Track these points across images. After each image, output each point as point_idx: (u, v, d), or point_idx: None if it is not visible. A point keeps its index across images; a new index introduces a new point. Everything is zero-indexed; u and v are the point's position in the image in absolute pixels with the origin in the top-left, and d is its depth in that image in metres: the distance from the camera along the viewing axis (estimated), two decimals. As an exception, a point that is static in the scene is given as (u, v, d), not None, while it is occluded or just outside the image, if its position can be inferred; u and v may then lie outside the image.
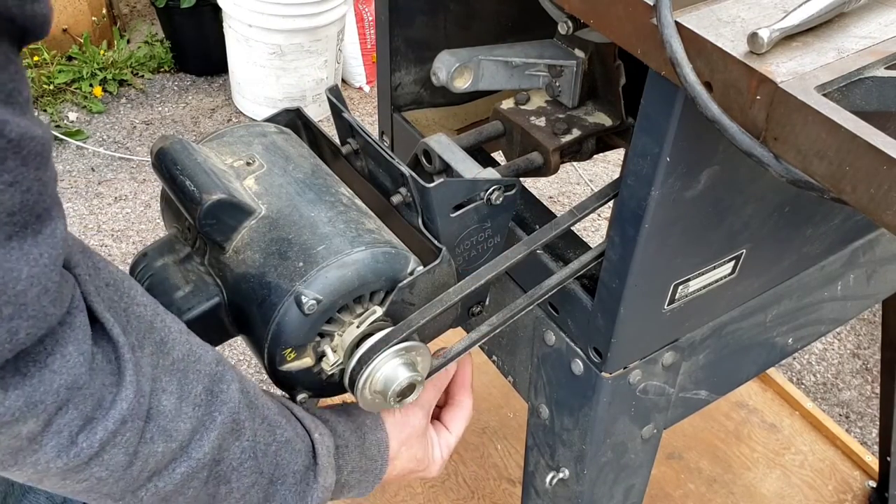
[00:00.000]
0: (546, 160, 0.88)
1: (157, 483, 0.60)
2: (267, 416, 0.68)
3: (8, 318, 0.46)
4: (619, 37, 0.60)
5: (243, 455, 0.65)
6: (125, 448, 0.56)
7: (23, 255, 0.46)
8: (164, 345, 0.60)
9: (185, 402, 0.60)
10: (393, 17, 0.96)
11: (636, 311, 0.75)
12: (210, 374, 0.63)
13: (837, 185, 0.49)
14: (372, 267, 0.73)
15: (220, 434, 0.62)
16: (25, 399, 0.49)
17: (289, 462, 0.70)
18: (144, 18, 3.29)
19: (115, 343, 0.55)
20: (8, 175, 0.45)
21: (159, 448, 0.58)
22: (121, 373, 0.55)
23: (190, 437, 0.60)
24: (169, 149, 0.78)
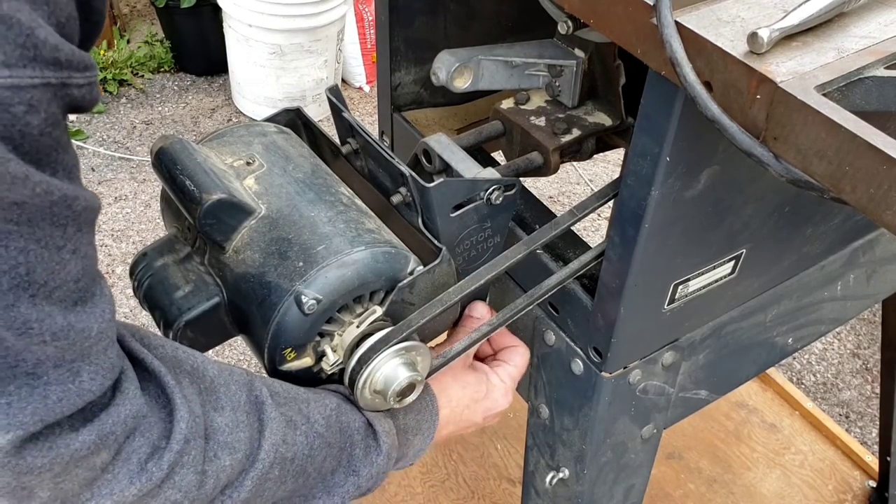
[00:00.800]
0: (546, 160, 0.88)
1: (232, 494, 0.63)
2: (309, 396, 0.70)
3: (85, 373, 0.51)
4: (619, 37, 0.60)
5: (308, 439, 0.67)
6: (193, 467, 0.58)
7: (92, 315, 0.51)
8: (197, 370, 0.62)
9: (238, 413, 0.63)
10: (393, 17, 0.96)
11: (636, 310, 0.75)
12: (245, 382, 0.65)
13: (837, 185, 0.49)
14: (372, 267, 0.73)
15: (274, 430, 0.64)
16: (97, 432, 0.52)
17: (349, 423, 0.71)
18: (144, 18, 3.29)
19: (157, 374, 0.59)
20: (71, 244, 0.49)
21: (226, 462, 0.61)
22: (170, 400, 0.58)
23: (250, 445, 0.63)
24: (169, 148, 0.78)
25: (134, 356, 0.59)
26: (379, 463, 0.73)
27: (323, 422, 0.69)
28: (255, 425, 0.64)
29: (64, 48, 0.45)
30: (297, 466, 0.67)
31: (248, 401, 0.64)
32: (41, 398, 0.49)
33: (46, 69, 0.44)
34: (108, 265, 2.35)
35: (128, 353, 0.59)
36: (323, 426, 0.69)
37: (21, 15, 0.42)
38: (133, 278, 0.80)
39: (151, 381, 0.59)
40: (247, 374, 0.66)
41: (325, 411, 0.70)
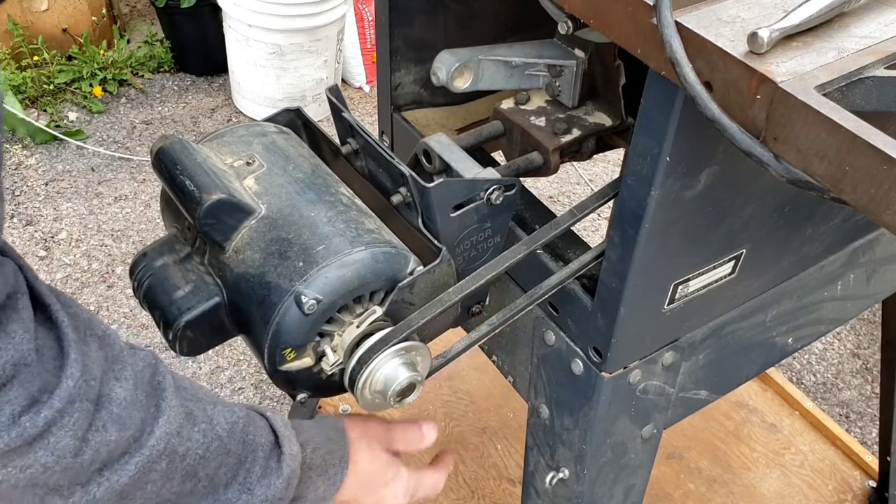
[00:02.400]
0: (546, 160, 0.88)
1: (111, 476, 0.58)
2: (217, 400, 0.68)
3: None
4: (619, 37, 0.60)
5: (205, 438, 0.64)
6: (73, 431, 0.54)
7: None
8: (108, 338, 0.60)
9: (139, 390, 0.59)
10: (393, 17, 0.96)
11: (636, 311, 0.75)
12: (151, 364, 0.63)
13: (837, 185, 0.49)
14: (372, 267, 0.73)
15: (170, 418, 0.61)
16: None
17: (255, 436, 0.68)
18: (144, 18, 3.29)
19: (59, 325, 0.55)
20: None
21: (112, 436, 0.56)
22: (65, 354, 0.54)
23: (142, 426, 0.59)
24: (169, 148, 0.78)
25: (40, 301, 0.55)
26: (277, 486, 0.69)
27: (226, 426, 0.66)
28: (152, 409, 0.60)
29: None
30: (188, 466, 0.63)
31: (151, 383, 0.61)
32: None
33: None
34: (108, 265, 2.35)
35: (34, 298, 0.55)
36: (225, 431, 0.66)
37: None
38: (133, 278, 0.80)
39: (50, 332, 0.55)
40: (154, 358, 0.64)
41: (232, 417, 0.67)
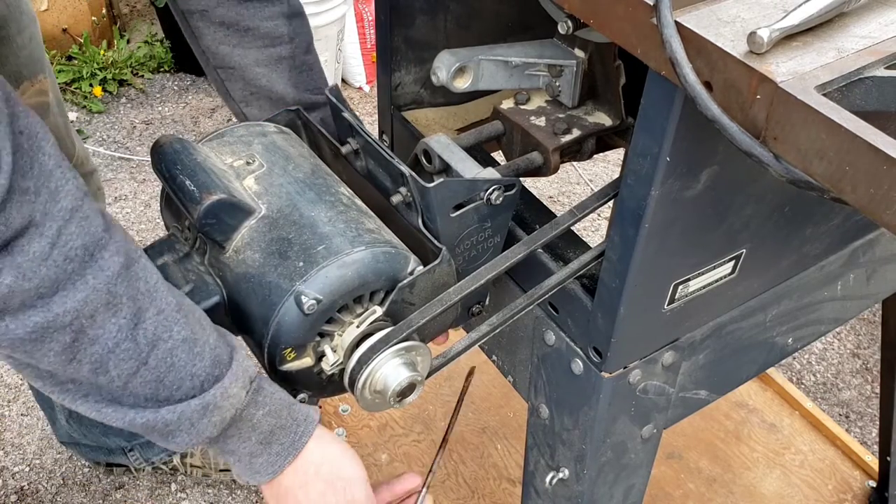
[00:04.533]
0: (546, 160, 0.88)
1: (9, 324, 0.59)
2: (164, 309, 0.66)
3: None
4: (619, 37, 0.60)
5: (119, 335, 0.64)
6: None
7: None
8: (57, 193, 0.59)
9: (58, 250, 0.59)
10: (393, 17, 0.96)
11: (636, 310, 0.75)
12: (95, 235, 0.62)
13: (837, 185, 0.49)
14: (372, 267, 0.73)
15: (88, 298, 0.61)
16: None
17: (185, 363, 0.67)
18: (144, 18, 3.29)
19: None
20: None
21: (6, 280, 0.57)
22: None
23: (52, 287, 0.59)
24: (169, 148, 0.78)
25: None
26: (192, 406, 0.68)
27: (150, 338, 0.65)
28: (74, 278, 0.60)
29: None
30: (97, 355, 0.63)
31: (82, 254, 0.61)
32: None
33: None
34: (108, 265, 2.35)
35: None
36: (146, 341, 0.65)
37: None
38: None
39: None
40: (104, 234, 0.62)
41: (164, 334, 0.66)
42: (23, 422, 1.87)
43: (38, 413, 1.88)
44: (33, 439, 1.84)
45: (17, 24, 1.07)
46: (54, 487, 1.76)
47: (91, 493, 1.75)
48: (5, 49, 1.07)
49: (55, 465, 1.80)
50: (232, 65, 0.94)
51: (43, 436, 1.84)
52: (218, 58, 0.94)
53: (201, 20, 0.92)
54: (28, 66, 1.11)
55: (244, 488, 1.76)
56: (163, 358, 0.66)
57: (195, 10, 0.91)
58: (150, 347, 0.65)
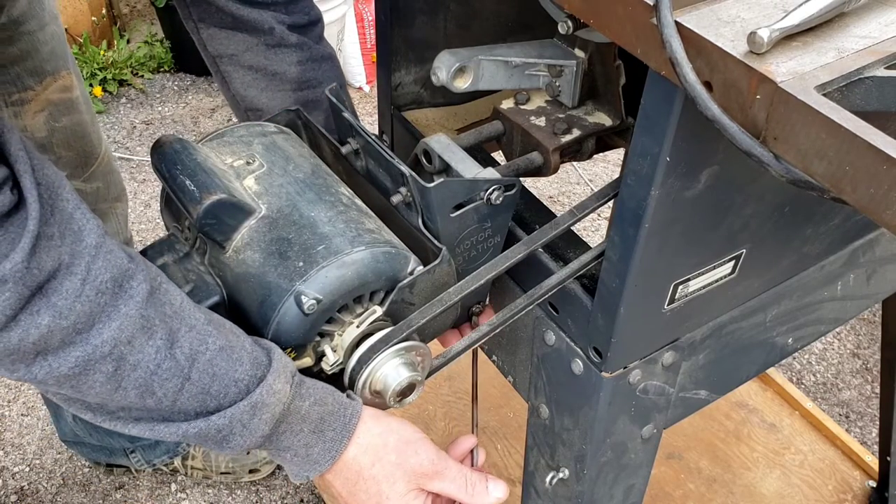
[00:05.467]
0: (546, 160, 0.88)
1: (52, 362, 0.61)
2: (194, 325, 0.68)
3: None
4: (619, 37, 0.60)
5: (158, 355, 0.65)
6: (2, 310, 0.57)
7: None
8: (81, 233, 0.62)
9: (89, 286, 0.61)
10: (393, 17, 0.96)
11: (636, 310, 0.75)
12: (121, 267, 0.64)
13: (837, 185, 0.49)
14: (372, 267, 0.73)
15: (124, 326, 0.63)
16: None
17: (226, 371, 0.68)
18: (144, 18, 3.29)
19: (27, 218, 0.58)
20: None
21: (44, 321, 0.59)
22: (18, 246, 0.57)
23: (88, 321, 0.61)
24: (169, 148, 0.78)
25: (21, 193, 0.58)
26: (240, 407, 0.68)
27: (188, 352, 0.67)
28: (108, 309, 0.62)
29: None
30: (141, 379, 0.65)
31: (111, 286, 0.63)
32: None
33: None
34: (108, 265, 2.35)
35: (12, 170, 0.58)
36: (185, 356, 0.66)
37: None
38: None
39: (15, 208, 0.58)
40: (129, 265, 0.64)
41: (200, 346, 0.67)
42: (23, 422, 1.87)
43: (38, 413, 1.88)
44: (33, 439, 1.84)
45: (38, 21, 1.08)
46: (54, 487, 1.76)
47: (91, 493, 1.75)
48: (27, 45, 1.08)
49: (55, 465, 1.80)
50: (260, 107, 0.95)
51: (43, 436, 1.84)
52: (247, 101, 0.96)
53: (230, 64, 0.94)
54: (50, 62, 1.12)
55: (244, 488, 1.76)
56: (204, 370, 0.67)
57: (224, 55, 0.94)
58: (190, 362, 0.67)
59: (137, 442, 1.67)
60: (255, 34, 0.91)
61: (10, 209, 0.58)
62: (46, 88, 1.13)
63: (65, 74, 1.16)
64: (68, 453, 1.80)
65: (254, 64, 0.93)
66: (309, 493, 1.76)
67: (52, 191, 0.61)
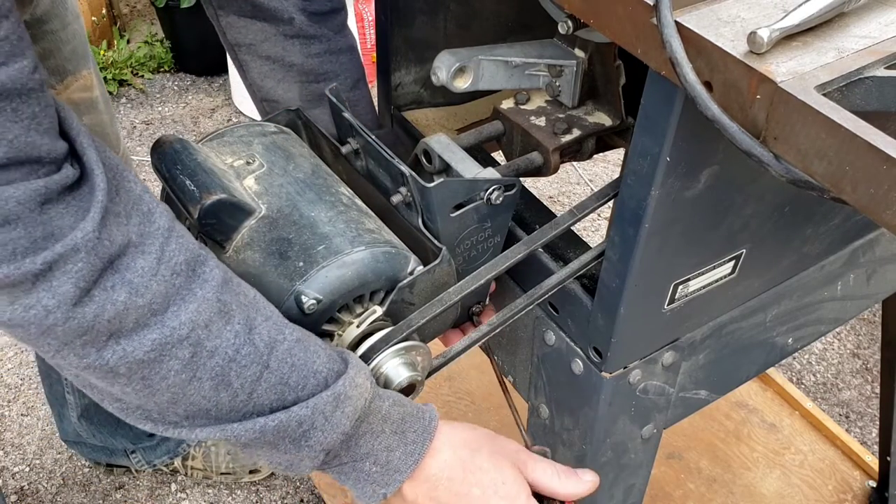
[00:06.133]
0: (546, 160, 0.88)
1: (126, 346, 0.59)
2: (270, 315, 0.66)
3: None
4: (619, 37, 0.60)
5: (238, 340, 0.63)
6: (75, 280, 0.55)
7: None
8: (151, 215, 0.61)
9: (164, 266, 0.59)
10: (393, 17, 0.96)
11: (636, 310, 0.75)
12: (194, 251, 0.62)
13: (837, 185, 0.49)
14: (372, 267, 0.73)
15: (201, 309, 0.61)
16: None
17: (305, 361, 0.66)
18: (144, 18, 3.29)
19: (94, 191, 0.57)
20: None
21: (121, 297, 0.57)
22: (87, 212, 0.56)
23: (164, 303, 0.59)
24: (169, 148, 0.78)
25: (85, 168, 0.58)
26: (323, 398, 0.66)
27: (267, 339, 0.64)
28: (183, 291, 0.60)
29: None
30: (218, 367, 0.62)
31: (188, 268, 0.61)
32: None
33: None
34: (108, 265, 2.35)
35: (73, 148, 0.58)
36: (264, 343, 0.64)
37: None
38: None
39: (79, 182, 0.57)
40: (201, 250, 0.63)
41: (278, 336, 0.65)
42: (23, 422, 1.87)
43: (38, 413, 1.88)
44: (33, 439, 1.84)
45: (60, 20, 1.09)
46: (54, 487, 1.76)
47: (91, 493, 1.76)
48: (49, 44, 1.08)
49: (55, 465, 1.80)
50: (276, 98, 0.95)
51: (43, 436, 1.84)
52: (263, 91, 0.95)
53: (248, 54, 0.94)
54: (72, 61, 1.12)
55: (244, 488, 1.76)
56: (283, 358, 0.65)
57: (243, 44, 0.93)
58: (269, 350, 0.64)
59: (139, 443, 1.67)
60: (273, 23, 0.90)
61: (73, 182, 0.57)
62: (68, 87, 1.13)
63: (86, 74, 1.16)
64: (68, 453, 1.80)
65: (271, 54, 0.92)
66: (309, 493, 1.76)
67: (117, 171, 0.59)
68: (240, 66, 0.96)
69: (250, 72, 0.95)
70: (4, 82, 0.52)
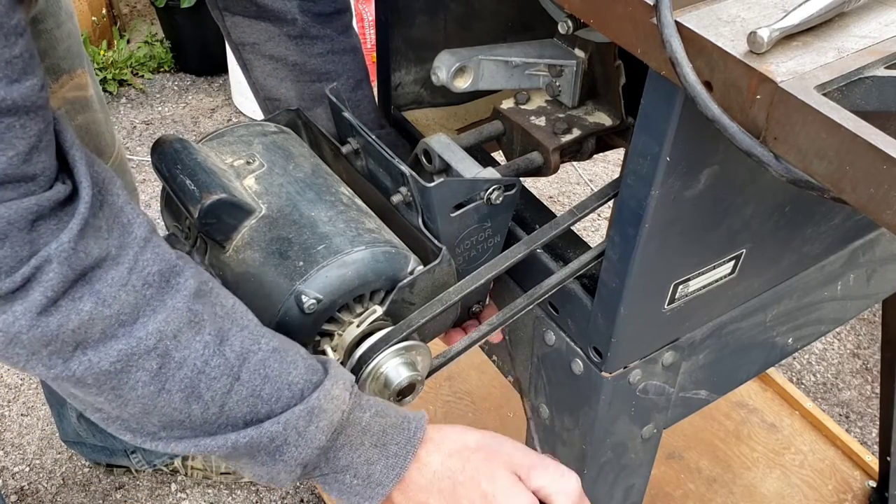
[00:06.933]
0: (546, 160, 0.88)
1: (91, 357, 0.58)
2: (247, 325, 0.65)
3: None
4: (619, 36, 0.60)
5: (207, 351, 0.62)
6: (44, 289, 0.55)
7: None
8: (130, 226, 0.61)
9: (136, 276, 0.59)
10: (393, 17, 0.96)
11: (636, 310, 0.75)
12: (169, 262, 0.62)
13: (837, 185, 0.49)
14: (372, 266, 0.73)
15: (170, 319, 0.60)
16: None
17: (280, 373, 0.65)
18: (144, 18, 3.29)
19: (78, 201, 0.58)
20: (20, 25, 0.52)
21: (86, 307, 0.57)
22: (66, 223, 0.57)
23: (133, 314, 0.59)
24: (169, 148, 0.78)
25: (74, 178, 0.58)
26: (295, 413, 0.64)
27: (238, 350, 0.63)
28: (153, 302, 0.60)
29: None
30: (187, 379, 0.61)
31: (159, 280, 0.61)
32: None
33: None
34: (108, 265, 2.35)
35: (64, 163, 0.58)
36: (235, 354, 0.63)
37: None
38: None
39: (69, 199, 0.58)
40: (177, 261, 0.63)
41: (252, 346, 0.64)
42: (23, 422, 1.87)
43: (38, 413, 1.88)
44: (33, 439, 1.84)
45: (55, 19, 1.09)
46: (54, 487, 1.76)
47: (91, 493, 1.76)
48: (44, 43, 1.08)
49: (55, 465, 1.80)
50: (279, 97, 0.95)
51: (43, 436, 1.84)
52: (266, 90, 0.96)
53: (252, 53, 0.94)
54: (66, 60, 1.13)
55: (244, 488, 1.76)
56: (255, 370, 0.64)
57: (247, 43, 0.94)
58: (241, 361, 0.64)
59: None
60: (277, 24, 0.91)
61: (64, 199, 0.57)
62: (63, 87, 1.13)
63: (80, 73, 1.16)
64: (68, 453, 1.80)
65: (275, 54, 0.93)
66: (309, 493, 1.76)
67: (103, 185, 0.60)
68: (244, 66, 0.96)
69: (254, 71, 0.95)
70: (16, 99, 0.53)
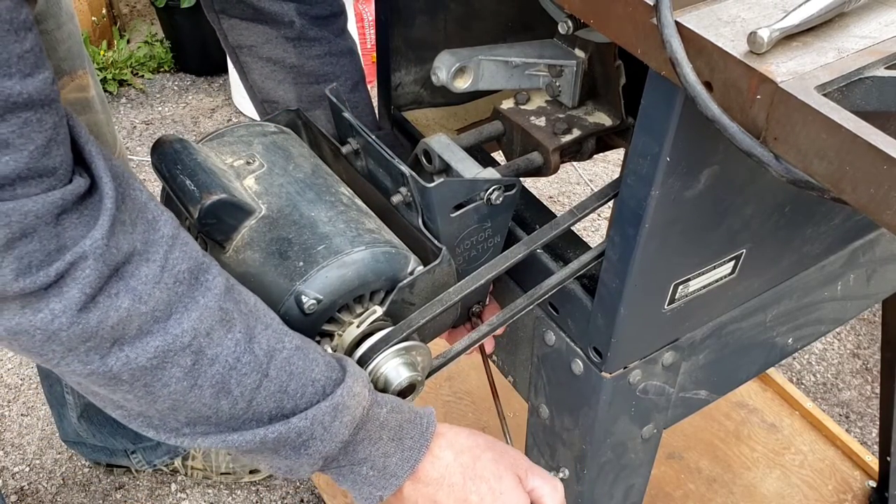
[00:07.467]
0: (546, 160, 0.88)
1: (129, 353, 0.59)
2: (270, 323, 0.67)
3: None
4: (619, 37, 0.60)
5: (238, 349, 0.64)
6: (81, 286, 0.56)
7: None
8: (156, 222, 0.61)
9: (167, 274, 0.60)
10: (393, 17, 0.96)
11: (636, 310, 0.75)
12: (197, 259, 0.63)
13: (837, 185, 0.49)
14: (372, 266, 0.73)
15: (203, 317, 0.61)
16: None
17: (303, 370, 0.67)
18: (144, 18, 3.29)
19: (102, 199, 0.58)
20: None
21: (124, 304, 0.58)
22: (96, 220, 0.57)
23: (166, 310, 0.60)
24: (169, 148, 0.78)
25: (94, 176, 0.58)
26: (322, 409, 0.66)
27: (265, 348, 0.65)
28: (185, 299, 0.61)
29: None
30: (218, 375, 0.63)
31: (188, 277, 0.62)
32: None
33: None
34: (108, 265, 2.35)
35: (81, 157, 0.58)
36: (263, 352, 0.65)
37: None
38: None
39: (95, 198, 0.58)
40: (204, 258, 0.64)
41: (277, 344, 0.66)
42: (23, 422, 1.87)
43: (38, 413, 1.88)
44: (33, 439, 1.84)
45: (55, 20, 1.09)
46: (54, 487, 1.76)
47: (91, 493, 1.76)
48: (45, 44, 1.08)
49: (55, 465, 1.80)
50: (276, 99, 0.96)
51: (43, 436, 1.84)
52: (264, 92, 0.96)
53: (249, 56, 0.94)
54: (67, 61, 1.13)
55: (244, 488, 1.76)
56: (282, 367, 0.66)
57: (244, 46, 0.94)
58: (269, 358, 0.65)
59: (139, 443, 1.67)
60: (274, 26, 0.91)
61: (84, 192, 0.58)
62: (64, 87, 1.13)
63: (81, 74, 1.16)
64: (68, 453, 1.80)
65: (272, 56, 0.93)
66: (309, 493, 1.76)
67: (123, 180, 0.60)
68: (240, 69, 0.96)
69: (251, 73, 0.95)
70: (31, 93, 0.53)
